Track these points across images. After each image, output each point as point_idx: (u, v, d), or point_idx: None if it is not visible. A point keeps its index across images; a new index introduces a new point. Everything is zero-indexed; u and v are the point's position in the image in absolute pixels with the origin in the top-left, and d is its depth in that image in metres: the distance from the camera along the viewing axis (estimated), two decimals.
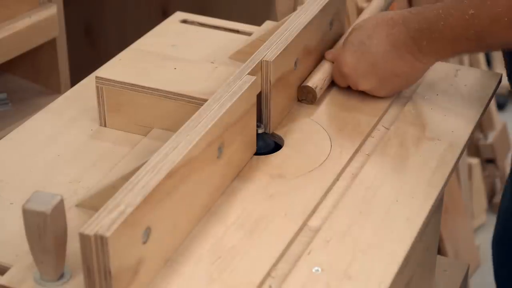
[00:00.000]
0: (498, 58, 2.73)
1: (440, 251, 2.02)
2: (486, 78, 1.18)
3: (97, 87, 1.03)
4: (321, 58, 1.14)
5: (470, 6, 0.97)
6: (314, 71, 1.11)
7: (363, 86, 1.07)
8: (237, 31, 1.28)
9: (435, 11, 1.00)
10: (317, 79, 1.10)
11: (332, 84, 1.13)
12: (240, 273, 0.82)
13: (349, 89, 1.11)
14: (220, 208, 0.91)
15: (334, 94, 1.12)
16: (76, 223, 0.83)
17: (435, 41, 1.01)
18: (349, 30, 1.13)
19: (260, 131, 1.02)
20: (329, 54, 1.13)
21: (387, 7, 1.24)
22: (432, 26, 1.00)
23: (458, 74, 1.17)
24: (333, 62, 1.12)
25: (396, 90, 1.09)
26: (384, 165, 0.99)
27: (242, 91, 0.93)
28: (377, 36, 1.04)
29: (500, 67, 2.69)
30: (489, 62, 2.76)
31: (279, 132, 1.04)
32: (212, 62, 1.14)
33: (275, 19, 1.28)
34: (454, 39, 0.99)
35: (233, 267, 0.83)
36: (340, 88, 1.12)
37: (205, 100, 0.93)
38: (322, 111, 1.09)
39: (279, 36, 1.04)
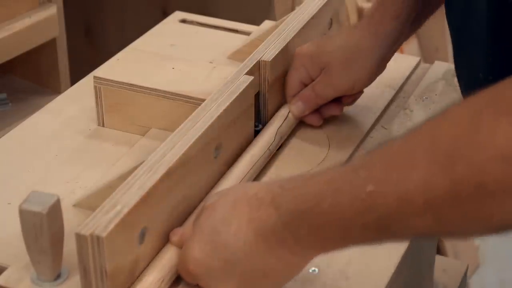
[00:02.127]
0: None
1: (440, 251, 2.02)
2: None
3: (95, 87, 1.03)
4: None
5: (368, 180, 0.66)
6: (151, 265, 0.79)
7: None
8: (236, 31, 1.28)
9: (319, 185, 0.71)
10: (149, 283, 0.78)
11: None
12: None
13: None
14: None
15: None
16: (73, 223, 0.83)
17: (319, 228, 0.70)
18: (200, 206, 0.85)
19: (258, 131, 1.01)
20: (176, 235, 0.82)
21: (270, 155, 0.97)
22: (314, 208, 0.70)
23: None
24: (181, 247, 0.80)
25: None
26: None
27: (240, 91, 0.93)
28: (236, 221, 0.74)
29: None
30: None
31: None
32: (210, 62, 1.14)
33: (274, 19, 1.28)
34: (345, 226, 0.69)
35: None
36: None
37: (203, 100, 0.93)
38: None
39: (278, 36, 1.04)
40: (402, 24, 0.98)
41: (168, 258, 0.80)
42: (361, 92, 1.03)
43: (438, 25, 2.16)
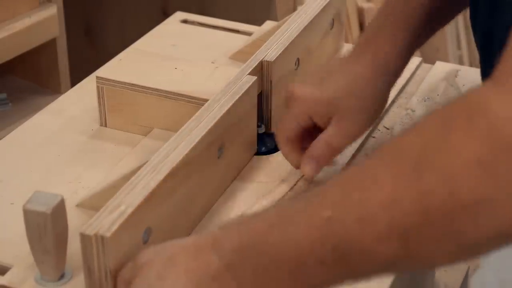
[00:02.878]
0: None
1: None
2: None
3: (97, 87, 1.02)
4: (321, 58, 1.13)
5: (324, 205, 0.58)
6: None
7: None
8: (237, 31, 1.28)
9: (267, 218, 0.62)
10: None
11: None
12: None
13: None
14: (220, 208, 0.90)
15: None
16: (77, 223, 0.83)
17: (266, 267, 0.60)
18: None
19: (260, 131, 1.01)
20: None
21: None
22: (260, 243, 0.61)
23: (459, 74, 1.18)
24: None
25: None
26: None
27: (243, 91, 0.93)
28: (173, 274, 0.65)
29: None
30: None
31: None
32: (212, 62, 1.14)
33: (275, 19, 1.28)
34: (298, 263, 0.59)
35: None
36: None
37: (206, 100, 0.93)
38: None
39: (280, 36, 1.04)
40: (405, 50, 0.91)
41: None
42: None
43: None
